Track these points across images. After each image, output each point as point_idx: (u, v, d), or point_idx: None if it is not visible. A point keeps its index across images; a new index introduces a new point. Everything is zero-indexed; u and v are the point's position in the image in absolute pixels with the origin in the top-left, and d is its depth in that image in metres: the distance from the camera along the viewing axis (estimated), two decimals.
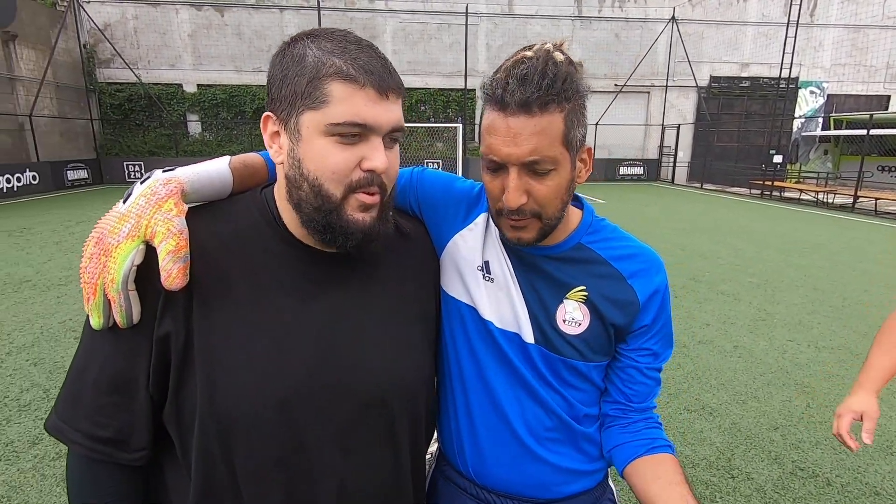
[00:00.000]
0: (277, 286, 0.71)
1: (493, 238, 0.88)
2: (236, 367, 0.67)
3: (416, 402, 0.82)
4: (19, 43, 14.72)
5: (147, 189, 0.68)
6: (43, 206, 11.74)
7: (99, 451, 0.68)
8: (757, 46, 20.14)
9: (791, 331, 4.38)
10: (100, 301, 0.64)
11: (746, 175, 17.70)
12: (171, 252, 0.64)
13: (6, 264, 6.30)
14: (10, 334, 4.08)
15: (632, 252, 0.87)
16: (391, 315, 0.79)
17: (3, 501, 2.21)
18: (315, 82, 0.64)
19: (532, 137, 0.70)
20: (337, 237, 0.69)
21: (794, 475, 2.48)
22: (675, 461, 0.83)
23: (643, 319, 0.85)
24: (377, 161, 0.66)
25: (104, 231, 0.66)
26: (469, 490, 0.93)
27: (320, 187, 0.67)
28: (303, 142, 0.66)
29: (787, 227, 10.06)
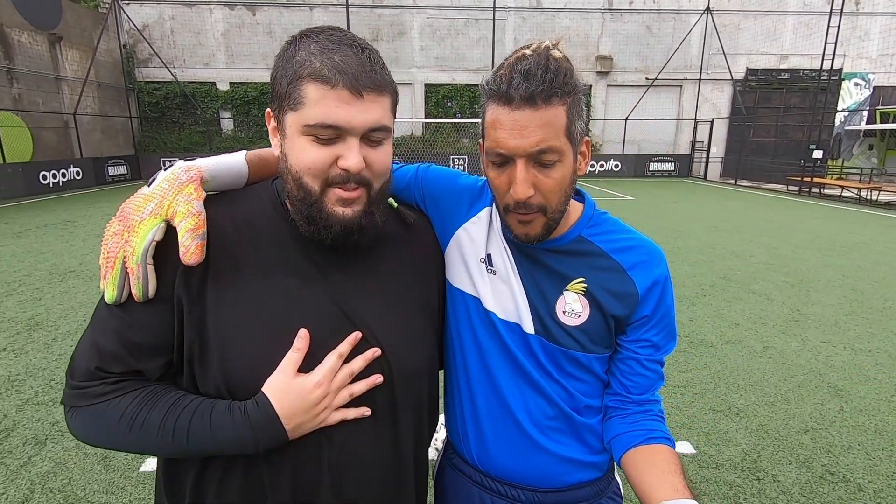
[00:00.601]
0: (283, 268, 0.76)
1: (496, 231, 0.90)
2: (244, 340, 0.72)
3: (418, 385, 0.84)
4: (64, 44, 15.40)
5: (170, 174, 0.74)
6: (86, 200, 12.29)
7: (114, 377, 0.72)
8: (797, 37, 19.34)
9: (826, 332, 4.23)
10: (116, 275, 0.69)
11: (784, 171, 17.06)
12: (189, 230, 0.69)
13: (52, 255, 6.64)
14: (56, 322, 4.31)
15: (632, 244, 0.88)
16: (392, 301, 0.82)
17: (49, 477, 2.36)
18: (294, 84, 0.68)
19: (538, 129, 0.73)
20: (319, 228, 0.73)
21: (824, 479, 2.41)
22: (670, 451, 0.83)
23: (643, 311, 0.86)
24: (350, 161, 0.69)
25: (129, 211, 0.71)
26: (474, 478, 0.95)
27: (300, 181, 0.71)
28: (287, 139, 0.72)
29: (827, 225, 9.67)
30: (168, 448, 0.71)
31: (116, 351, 0.71)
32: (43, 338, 3.96)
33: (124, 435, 0.70)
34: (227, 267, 0.74)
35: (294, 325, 0.73)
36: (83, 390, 0.71)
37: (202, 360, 0.72)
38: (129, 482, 2.34)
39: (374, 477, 0.80)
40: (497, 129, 0.75)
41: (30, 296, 4.98)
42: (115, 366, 0.71)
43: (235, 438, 0.69)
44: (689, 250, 7.24)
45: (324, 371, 0.72)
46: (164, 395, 0.72)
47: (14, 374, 3.36)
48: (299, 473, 0.75)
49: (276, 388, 0.70)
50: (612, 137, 20.30)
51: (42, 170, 13.39)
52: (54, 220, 9.39)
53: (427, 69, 19.25)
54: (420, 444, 0.89)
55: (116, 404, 0.70)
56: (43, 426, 2.77)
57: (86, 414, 0.71)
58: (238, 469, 0.75)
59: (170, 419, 0.69)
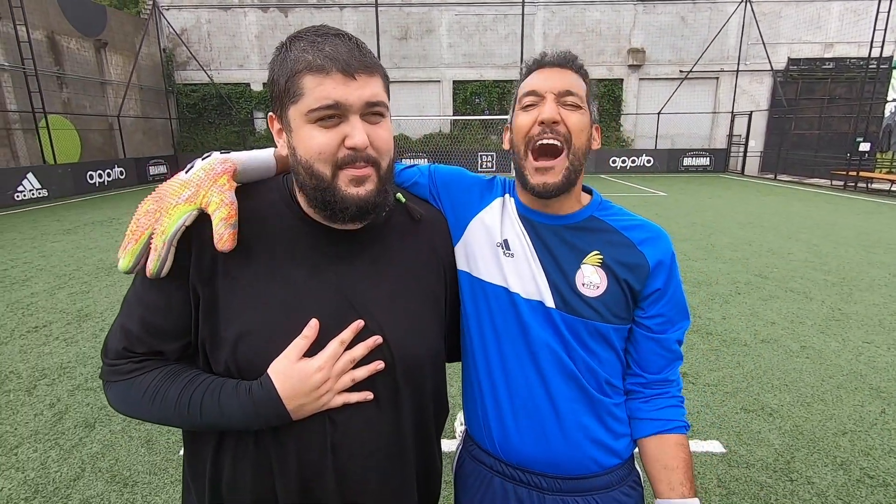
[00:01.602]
0: (291, 258, 0.80)
1: (510, 217, 0.96)
2: (253, 326, 0.76)
3: (420, 373, 0.87)
4: (109, 50, 16.13)
5: (207, 164, 0.79)
6: (129, 198, 12.87)
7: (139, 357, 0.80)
8: (843, 24, 18.40)
9: (869, 332, 4.06)
10: (137, 248, 0.74)
11: (827, 165, 16.31)
12: (223, 219, 0.74)
13: (99, 251, 7.00)
14: (103, 313, 4.56)
15: (639, 223, 0.94)
16: (398, 291, 0.85)
17: (98, 457, 2.52)
18: (292, 79, 0.73)
19: (566, 77, 0.88)
20: (335, 212, 0.77)
21: (862, 482, 2.33)
22: (678, 444, 0.91)
23: (654, 284, 0.91)
24: (356, 138, 0.73)
25: (165, 193, 0.76)
26: (495, 467, 0.97)
27: (311, 168, 0.75)
28: (293, 133, 0.76)
29: (873, 221, 9.21)
30: (184, 420, 0.77)
31: (140, 334, 0.78)
32: (91, 328, 4.20)
33: (148, 407, 0.78)
34: (239, 256, 0.78)
35: (301, 312, 0.77)
36: (114, 367, 0.79)
37: (214, 343, 0.77)
38: (171, 464, 2.47)
39: (376, 459, 0.83)
40: (531, 80, 0.90)
41: (79, 289, 5.27)
42: (139, 346, 0.78)
43: (241, 415, 0.75)
44: (722, 247, 7.03)
45: (325, 356, 0.76)
46: (182, 373, 0.78)
47: (66, 361, 3.58)
48: (304, 453, 0.79)
49: (279, 370, 0.75)
50: (645, 132, 19.84)
51: (89, 170, 14.08)
52: (100, 217, 9.88)
53: (455, 66, 19.25)
54: (422, 431, 0.91)
55: (141, 381, 0.78)
56: (92, 410, 2.95)
57: (117, 388, 0.80)
58: (249, 447, 0.79)
59: (185, 395, 0.76)
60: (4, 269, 6.09)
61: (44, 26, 13.65)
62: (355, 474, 0.81)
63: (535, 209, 0.94)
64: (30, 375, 3.37)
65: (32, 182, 12.21)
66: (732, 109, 19.34)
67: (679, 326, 0.94)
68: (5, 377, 3.35)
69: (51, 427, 2.78)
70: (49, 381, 3.30)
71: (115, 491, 2.28)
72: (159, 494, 2.27)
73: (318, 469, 0.79)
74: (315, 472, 0.79)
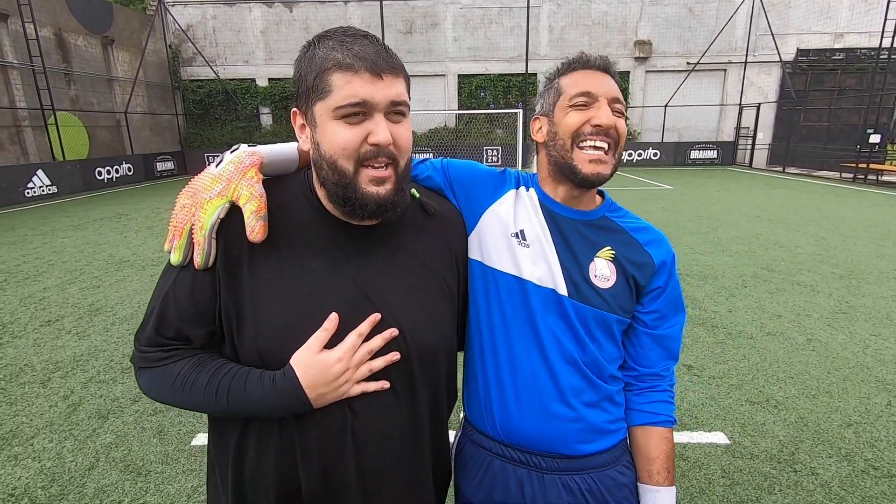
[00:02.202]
0: (312, 251, 0.83)
1: (527, 209, 1.00)
2: (274, 313, 0.80)
3: (434, 363, 0.91)
4: (116, 46, 16.21)
5: (235, 157, 0.83)
6: (137, 194, 12.98)
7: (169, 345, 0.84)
8: (854, 14, 18.11)
9: (876, 325, 4.04)
10: (183, 242, 0.79)
11: (837, 157, 16.12)
12: (254, 212, 0.78)
13: (109, 246, 7.08)
14: (114, 307, 4.63)
15: (644, 226, 1.03)
16: (413, 283, 0.88)
17: (111, 447, 2.58)
18: (320, 76, 0.76)
19: (612, 85, 0.94)
20: (355, 208, 0.80)
21: (866, 473, 2.34)
22: (662, 437, 0.99)
23: (657, 282, 0.98)
24: (380, 135, 0.76)
25: (199, 188, 0.81)
26: (494, 450, 1.01)
27: (335, 163, 0.77)
28: (318, 128, 0.78)
29: (883, 214, 9.12)
30: (212, 406, 0.81)
31: (170, 318, 0.81)
32: (103, 322, 4.27)
33: (177, 393, 0.81)
34: (264, 248, 0.81)
35: (320, 304, 0.81)
36: (145, 354, 0.83)
37: (240, 332, 0.81)
38: (182, 454, 2.53)
39: (393, 446, 0.86)
40: (581, 82, 0.94)
41: (90, 283, 5.35)
42: (168, 330, 0.82)
43: (265, 402, 0.79)
44: (729, 240, 7.00)
45: (344, 348, 0.80)
46: (210, 361, 0.82)
47: (78, 354, 3.65)
48: (325, 440, 0.82)
49: (301, 361, 0.79)
50: (651, 125, 19.69)
51: (97, 166, 14.20)
52: (109, 213, 9.98)
53: (460, 60, 19.18)
54: (436, 419, 0.95)
55: (171, 368, 0.82)
56: (105, 402, 3.01)
57: (148, 375, 0.84)
58: (273, 434, 0.83)
59: (213, 382, 0.80)
60: (17, 264, 6.18)
61: (51, 24, 13.74)
62: (374, 461, 0.85)
63: (559, 202, 0.99)
64: (44, 368, 3.44)
65: (42, 179, 12.34)
66: (740, 101, 19.14)
67: (672, 322, 1.00)
68: (20, 370, 3.42)
69: (65, 418, 2.84)
70: (62, 373, 3.36)
71: (129, 480, 2.34)
72: (171, 483, 2.32)
73: (339, 455, 0.83)
74: (336, 459, 0.83)
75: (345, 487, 0.84)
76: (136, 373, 0.86)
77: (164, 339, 0.82)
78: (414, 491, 0.92)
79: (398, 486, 0.88)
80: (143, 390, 0.85)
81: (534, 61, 18.72)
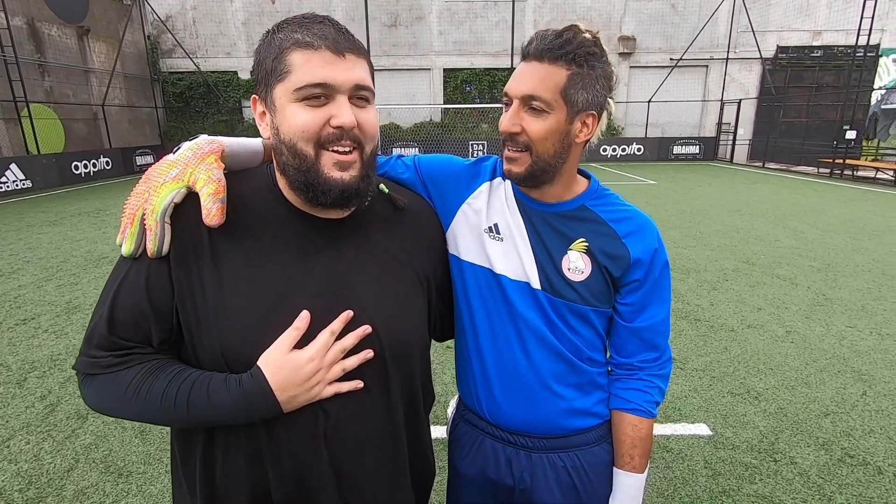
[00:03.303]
0: (278, 245, 0.79)
1: (501, 201, 0.99)
2: (239, 310, 0.75)
3: (410, 359, 0.88)
4: (92, 37, 15.77)
5: (194, 144, 0.80)
6: (115, 189, 12.69)
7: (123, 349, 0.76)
8: (832, 12, 18.47)
9: (852, 317, 4.15)
10: (135, 230, 0.74)
11: (815, 153, 16.47)
12: (211, 194, 0.74)
13: (87, 242, 6.91)
14: (93, 305, 4.48)
15: (628, 216, 0.97)
16: (384, 277, 0.85)
17: (91, 448, 2.52)
18: (279, 57, 0.73)
19: (533, 79, 0.85)
20: (317, 194, 0.76)
21: (843, 462, 2.40)
22: (631, 424, 0.98)
23: (634, 274, 0.95)
24: (343, 117, 0.73)
25: (154, 174, 0.76)
26: (485, 430, 1.05)
27: (295, 147, 0.74)
28: (277, 112, 0.75)
29: (858, 208, 9.35)
30: (169, 417, 0.74)
31: (124, 317, 0.75)
32: (81, 320, 4.17)
33: (130, 404, 0.74)
34: (227, 241, 0.77)
35: (288, 299, 0.77)
36: (94, 360, 0.76)
37: (199, 331, 0.76)
38: (165, 454, 2.48)
39: (369, 446, 0.83)
40: (513, 75, 0.89)
41: (67, 280, 5.22)
42: (123, 331, 0.75)
43: (231, 408, 0.73)
44: (711, 234, 7.11)
45: (316, 347, 0.75)
46: (167, 367, 0.75)
47: (56, 353, 3.56)
48: (296, 444, 0.78)
49: (271, 362, 0.74)
50: (635, 120, 19.86)
51: (74, 160, 13.84)
52: (87, 208, 9.74)
53: (445, 54, 19.08)
54: (412, 416, 0.92)
55: (123, 375, 0.75)
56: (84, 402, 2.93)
57: (96, 383, 0.76)
58: (241, 440, 0.78)
59: (171, 390, 0.73)
60: None
61: (24, 13, 13.29)
62: (349, 461, 0.82)
63: (527, 195, 0.97)
64: (20, 368, 3.35)
65: (16, 173, 11.98)
66: (722, 97, 19.41)
67: (651, 314, 0.97)
68: None
69: (42, 419, 2.77)
70: (39, 373, 3.28)
71: (110, 481, 2.29)
72: (154, 484, 2.28)
73: (312, 460, 0.79)
74: (309, 464, 0.79)
75: (319, 491, 0.81)
76: (80, 382, 0.77)
77: (118, 339, 0.75)
78: (392, 491, 0.89)
79: (375, 487, 0.86)
80: (90, 403, 0.77)
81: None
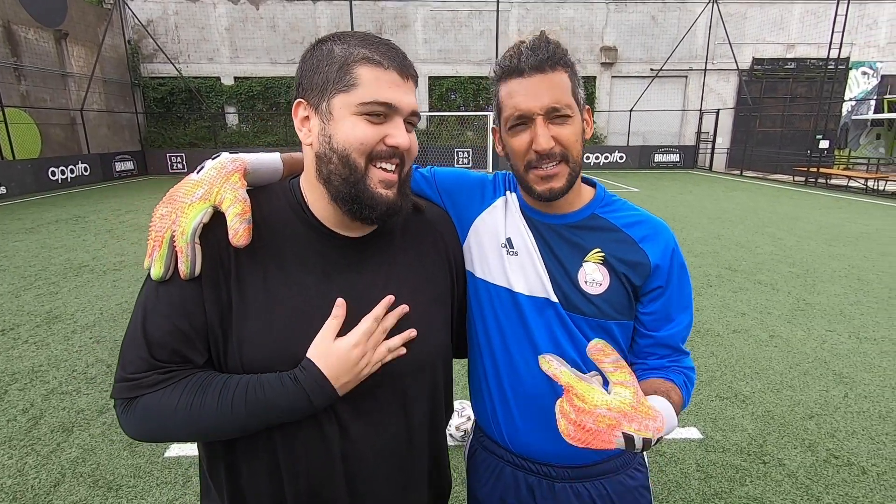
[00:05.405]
0: (300, 265, 0.80)
1: (514, 216, 0.97)
2: (259, 330, 0.76)
3: (430, 377, 0.89)
4: (70, 41, 15.46)
5: (217, 163, 0.80)
6: (94, 196, 12.40)
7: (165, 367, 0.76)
8: (804, 26, 19.13)
9: (831, 321, 4.28)
10: (164, 253, 0.73)
11: (790, 161, 16.96)
12: (238, 214, 0.75)
13: (65, 250, 6.74)
14: (74, 315, 4.41)
15: (640, 220, 0.94)
16: (406, 293, 0.85)
17: (78, 462, 2.46)
18: (345, 68, 0.75)
19: (550, 90, 0.84)
20: (363, 208, 0.77)
21: (828, 462, 2.47)
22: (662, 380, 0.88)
23: (656, 281, 0.91)
24: (400, 138, 0.76)
25: (178, 195, 0.76)
26: (505, 457, 1.00)
27: (348, 157, 0.75)
28: (334, 121, 0.76)
29: (832, 216, 9.66)
30: (227, 425, 0.74)
31: (162, 339, 0.74)
32: (62, 330, 4.06)
33: (182, 421, 0.73)
34: (250, 260, 0.77)
35: (311, 320, 0.77)
36: (135, 381, 0.74)
37: (225, 351, 0.77)
38: (155, 467, 2.43)
39: (385, 459, 0.84)
40: (514, 97, 0.86)
41: (47, 290, 5.08)
42: (161, 352, 0.74)
43: (291, 403, 0.74)
44: (694, 241, 7.26)
45: (360, 333, 0.77)
46: (214, 378, 0.75)
47: (37, 365, 3.46)
48: (312, 461, 0.79)
49: (319, 352, 0.76)
50: (617, 129, 20.22)
51: (51, 166, 13.50)
52: (65, 215, 9.50)
53: (431, 62, 19.19)
54: (435, 429, 0.93)
55: (170, 393, 0.73)
56: (69, 414, 2.86)
57: (140, 405, 0.74)
58: (259, 452, 0.79)
59: (225, 397, 0.73)
60: None
61: None
62: (365, 475, 0.83)
63: (536, 209, 0.96)
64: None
65: None
66: (701, 107, 19.89)
67: (676, 323, 0.93)
68: None
69: (25, 433, 2.69)
70: (20, 385, 3.18)
71: (99, 496, 2.23)
72: (145, 497, 2.23)
73: (328, 477, 0.80)
74: (325, 480, 0.80)
75: (334, 500, 0.82)
76: (120, 411, 0.75)
77: (157, 361, 0.74)
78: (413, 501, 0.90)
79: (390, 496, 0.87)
80: (132, 430, 0.75)
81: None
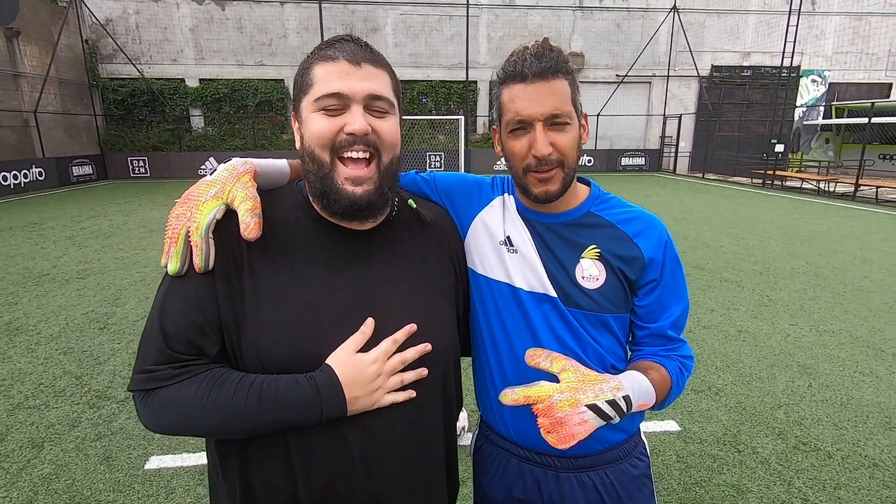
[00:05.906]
0: (310, 261, 0.83)
1: (512, 214, 1.01)
2: (273, 323, 0.78)
3: (444, 369, 0.91)
4: (22, 39, 14.75)
5: (229, 165, 0.85)
6: (51, 201, 11.85)
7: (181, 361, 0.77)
8: (759, 35, 20.09)
9: (793, 315, 4.50)
10: (180, 249, 0.77)
11: (748, 164, 17.74)
12: (248, 210, 0.78)
13: (23, 258, 6.42)
14: (37, 325, 4.21)
15: (634, 216, 0.99)
16: (415, 289, 0.88)
17: (51, 479, 2.35)
18: (305, 73, 0.81)
19: (551, 97, 0.88)
20: (330, 203, 0.81)
21: (797, 449, 2.61)
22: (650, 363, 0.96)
23: (650, 275, 0.96)
24: (355, 124, 0.77)
25: (193, 194, 0.80)
26: (511, 450, 1.03)
27: (313, 153, 0.80)
28: (303, 122, 0.82)
29: (788, 216, 10.15)
30: (240, 422, 0.75)
31: (177, 332, 0.76)
32: (25, 342, 3.87)
33: (197, 414, 0.75)
34: (260, 256, 0.80)
35: (322, 314, 0.80)
36: (152, 374, 0.76)
37: (240, 343, 0.79)
38: (135, 480, 2.35)
39: (404, 458, 0.85)
40: (516, 102, 0.89)
41: (5, 300, 4.83)
42: (177, 345, 0.76)
43: (303, 405, 0.75)
44: None
45: (379, 352, 0.80)
46: (229, 374, 0.77)
47: (0, 379, 3.29)
48: (329, 463, 0.80)
49: (338, 360, 0.78)
50: None
51: (3, 170, 12.84)
52: (20, 222, 9.05)
53: (401, 66, 19.19)
54: (448, 425, 0.95)
55: (187, 387, 0.75)
56: (38, 429, 2.74)
57: (157, 397, 0.76)
58: (275, 451, 0.80)
59: (240, 393, 0.75)
60: None
61: None
62: (384, 475, 0.83)
63: (532, 209, 0.99)
64: None
65: None
66: (664, 112, 20.59)
67: (670, 313, 0.97)
68: None
69: None
70: None
71: None
72: None
73: (346, 474, 0.81)
74: (343, 476, 0.81)
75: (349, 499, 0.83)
76: (137, 402, 0.78)
77: (174, 352, 0.76)
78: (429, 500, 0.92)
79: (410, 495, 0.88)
80: (150, 423, 0.78)
81: (474, 69, 19.12)
